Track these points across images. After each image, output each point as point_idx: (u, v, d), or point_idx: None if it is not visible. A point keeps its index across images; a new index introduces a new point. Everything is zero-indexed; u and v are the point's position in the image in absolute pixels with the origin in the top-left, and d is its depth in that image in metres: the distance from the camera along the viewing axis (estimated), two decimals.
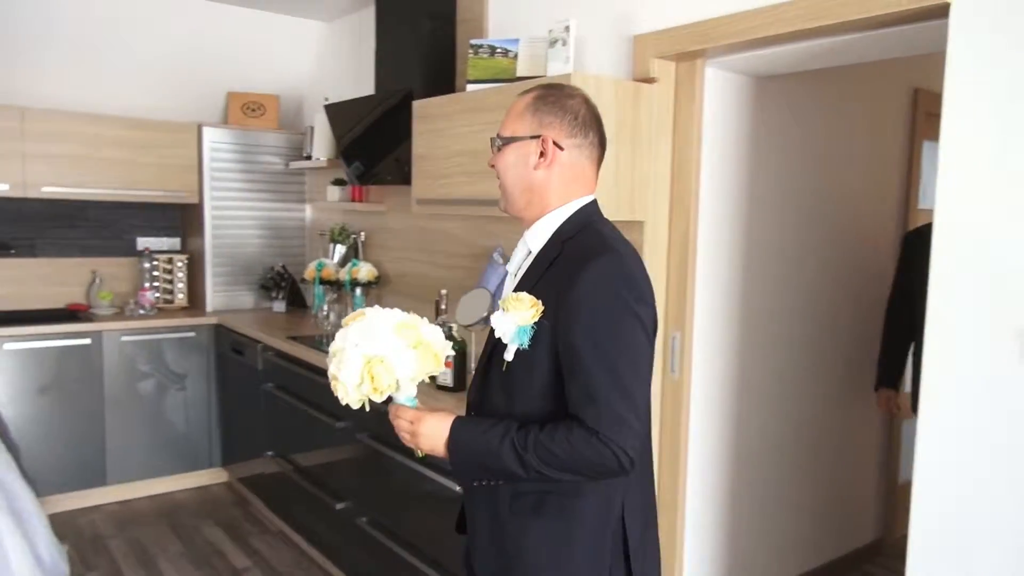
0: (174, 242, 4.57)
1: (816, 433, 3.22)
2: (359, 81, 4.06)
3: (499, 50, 2.72)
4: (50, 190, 3.89)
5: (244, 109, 4.42)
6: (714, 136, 2.63)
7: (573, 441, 1.28)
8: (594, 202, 1.49)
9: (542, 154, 1.43)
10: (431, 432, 1.38)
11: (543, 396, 1.36)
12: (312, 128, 4.28)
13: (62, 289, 4.23)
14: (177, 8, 4.28)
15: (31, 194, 3.85)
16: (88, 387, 3.87)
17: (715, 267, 2.70)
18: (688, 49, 2.40)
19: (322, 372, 3.13)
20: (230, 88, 4.46)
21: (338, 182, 4.11)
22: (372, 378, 1.31)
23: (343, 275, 3.85)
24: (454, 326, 2.65)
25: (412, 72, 3.26)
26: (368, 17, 3.92)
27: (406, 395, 1.39)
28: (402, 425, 1.42)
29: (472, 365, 2.80)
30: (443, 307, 2.80)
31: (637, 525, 1.43)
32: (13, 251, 4.00)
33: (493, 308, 3.03)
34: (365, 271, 3.79)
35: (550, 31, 2.53)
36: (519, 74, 2.67)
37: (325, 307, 3.90)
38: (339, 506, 3.07)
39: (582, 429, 1.28)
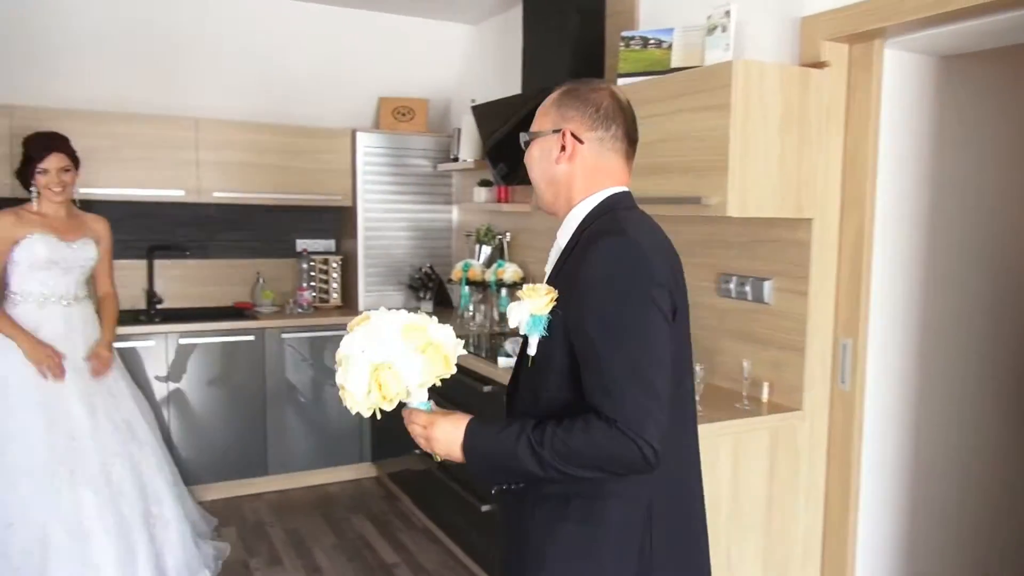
0: (329, 243, 4.76)
1: (1003, 452, 2.87)
2: (505, 82, 4.05)
3: (652, 41, 2.60)
4: (220, 195, 4.15)
5: (395, 113, 4.53)
6: (892, 124, 2.38)
7: (591, 433, 1.21)
8: (624, 193, 1.43)
9: (563, 148, 1.40)
10: (445, 436, 1.33)
11: (562, 388, 1.31)
12: (459, 130, 4.33)
13: (230, 288, 4.50)
14: (331, 20, 4.45)
15: (204, 199, 4.12)
16: (252, 381, 4.09)
17: (893, 269, 2.45)
18: (864, 29, 2.18)
19: (467, 372, 3.13)
20: (381, 94, 4.59)
21: (484, 183, 4.12)
22: (380, 386, 1.27)
23: (489, 276, 3.84)
24: None
25: (560, 69, 3.20)
26: (515, 17, 3.91)
27: (419, 399, 1.35)
28: (416, 431, 1.36)
29: None
30: None
31: (669, 530, 1.34)
32: (188, 253, 4.29)
33: None
34: (511, 272, 3.77)
35: (708, 17, 2.39)
36: (673, 65, 2.54)
37: (471, 308, 3.92)
38: (484, 508, 3.06)
39: (600, 421, 1.22)
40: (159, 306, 4.18)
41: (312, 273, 4.52)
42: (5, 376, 2.82)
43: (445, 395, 3.28)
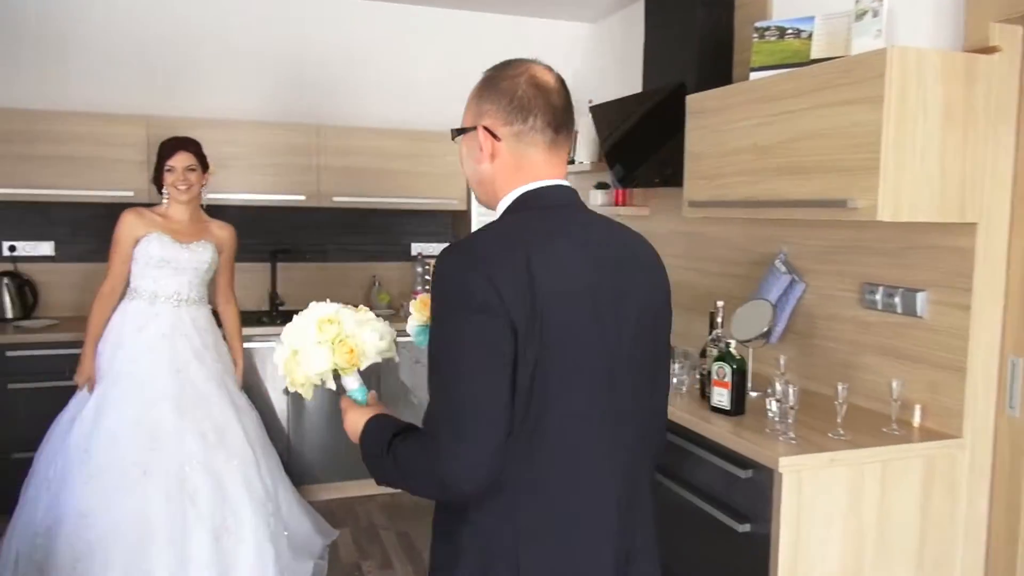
0: (443, 247, 4.75)
1: None
2: (624, 81, 3.91)
3: (790, 31, 2.41)
4: (340, 200, 4.21)
5: None
6: None
7: (412, 448, 1.21)
8: (538, 190, 1.28)
9: (482, 147, 1.29)
10: (351, 426, 1.38)
11: None
12: (575, 132, 4.22)
13: (347, 291, 4.56)
14: (450, 24, 4.44)
15: (324, 204, 4.19)
16: (366, 383, 4.11)
17: None
18: None
19: None
20: None
21: (601, 186, 3.99)
22: (288, 372, 1.39)
23: None
24: (732, 342, 2.38)
25: (684, 65, 3.04)
26: (636, 12, 3.76)
27: (350, 388, 1.43)
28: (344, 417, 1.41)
29: (751, 385, 2.51)
30: (719, 320, 2.53)
31: (543, 557, 1.21)
32: (308, 256, 4.38)
33: (775, 322, 2.71)
34: None
35: (857, 2, 2.17)
36: (814, 56, 2.34)
37: None
38: None
39: (422, 438, 1.20)
40: (281, 308, 4.29)
41: (427, 276, 4.53)
42: (108, 370, 2.91)
43: None
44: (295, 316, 1.41)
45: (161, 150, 3.00)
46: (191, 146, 3.03)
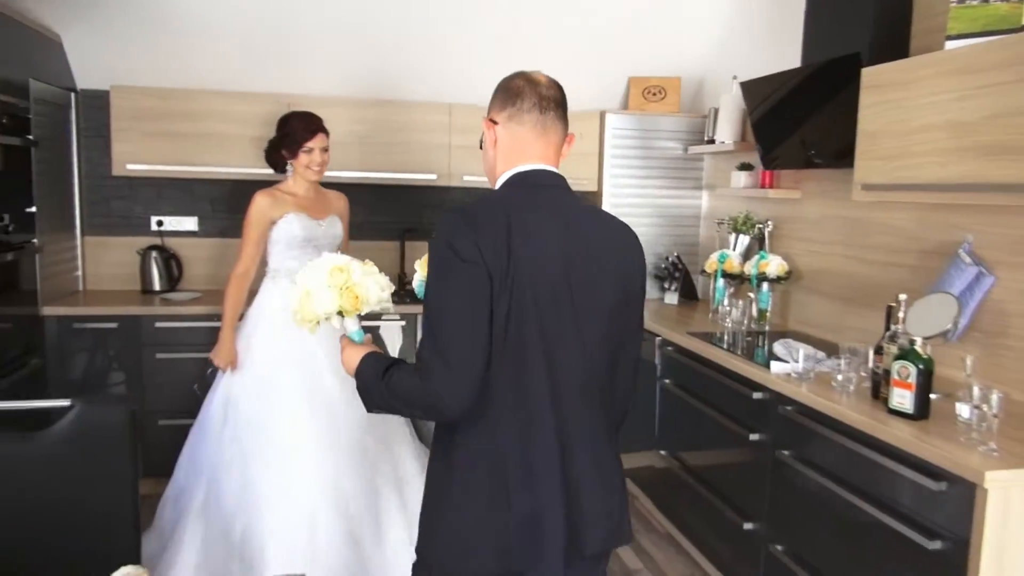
0: None
1: None
2: (776, 54, 3.65)
3: None
4: (470, 179, 4.16)
5: (645, 94, 4.30)
6: None
7: (406, 376, 1.44)
8: (525, 172, 1.53)
9: (485, 136, 1.59)
10: (348, 361, 1.58)
11: None
12: (716, 110, 4.01)
13: None
14: None
15: (454, 183, 4.15)
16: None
17: None
18: None
19: (731, 375, 2.85)
20: (631, 73, 4.37)
21: (744, 167, 3.78)
22: (300, 309, 1.59)
23: (749, 268, 3.52)
24: (918, 339, 2.16)
25: (856, 35, 2.79)
26: None
27: (350, 329, 1.62)
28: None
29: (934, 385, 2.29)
30: (900, 315, 2.31)
31: (523, 463, 1.46)
32: (434, 236, 4.35)
33: (960, 318, 2.46)
34: (775, 265, 3.41)
35: None
36: None
37: (726, 302, 3.61)
38: (747, 526, 2.77)
39: (416, 367, 1.43)
40: (408, 287, 4.29)
41: None
42: (269, 353, 2.93)
43: (704, 398, 2.97)
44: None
45: (295, 128, 2.97)
46: (323, 127, 3.03)
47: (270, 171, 3.22)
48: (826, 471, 2.36)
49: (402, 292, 4.24)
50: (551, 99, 1.55)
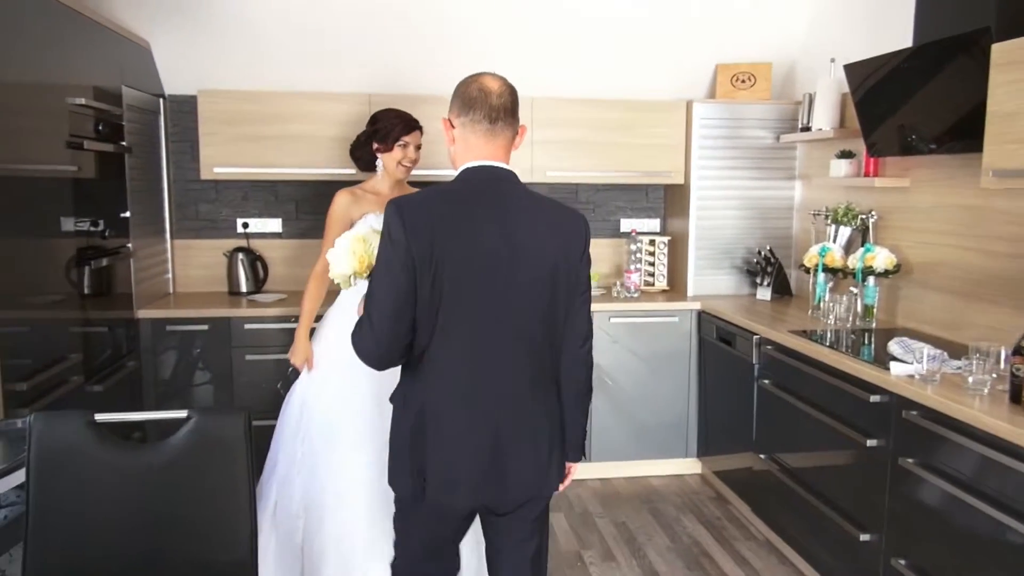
0: (654, 223, 4.51)
1: None
2: (879, 34, 3.43)
3: None
4: (553, 175, 4.07)
5: (733, 81, 4.13)
6: None
7: (355, 329, 1.78)
8: (473, 168, 1.78)
9: (446, 134, 1.83)
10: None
11: None
12: (811, 95, 3.81)
13: None
14: None
15: (537, 179, 4.06)
16: None
17: None
18: None
19: (846, 377, 2.68)
20: (719, 60, 4.20)
21: (845, 154, 3.57)
22: (333, 266, 2.00)
23: (853, 262, 3.33)
24: None
25: (980, 10, 2.58)
26: None
27: (362, 289, 1.86)
28: None
29: None
30: None
31: (443, 432, 1.76)
32: None
33: None
34: (883, 258, 3.22)
35: None
36: None
37: (827, 298, 3.42)
38: (864, 537, 2.60)
39: (358, 322, 1.78)
40: None
41: (638, 255, 4.30)
42: (342, 353, 2.88)
43: (809, 400, 2.76)
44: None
45: (395, 125, 2.92)
46: (418, 125, 2.98)
47: (353, 171, 3.18)
48: (958, 480, 2.18)
49: None
50: (500, 108, 1.76)
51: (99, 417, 1.39)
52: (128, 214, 3.48)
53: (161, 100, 3.97)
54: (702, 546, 3.39)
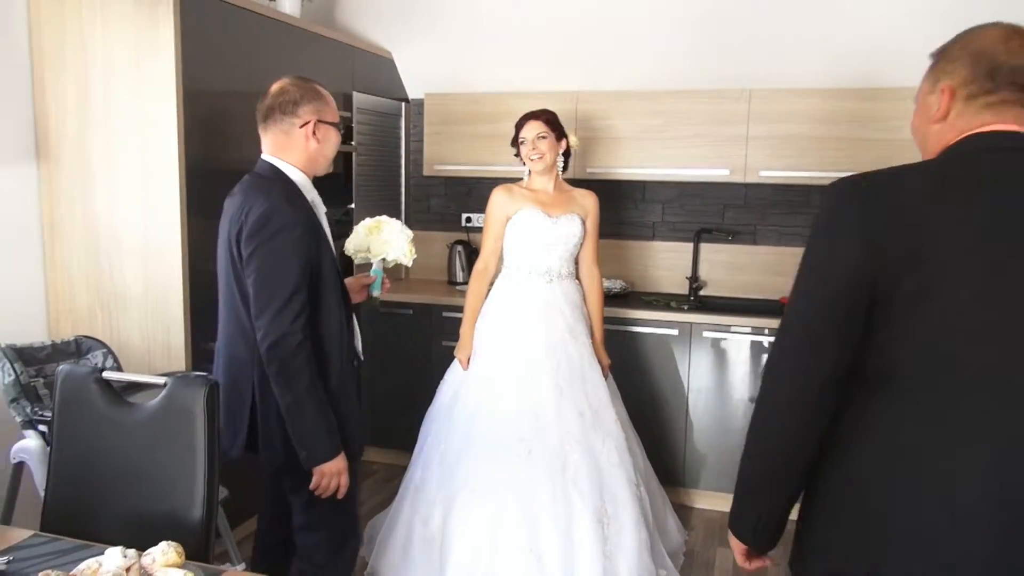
0: None
1: None
2: None
3: None
4: (767, 174, 3.66)
5: None
6: None
7: None
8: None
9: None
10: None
11: None
12: None
13: (780, 280, 3.97)
14: None
15: (749, 179, 3.69)
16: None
17: None
18: None
19: None
20: None
21: None
22: (349, 243, 2.35)
23: None
24: None
25: None
26: None
27: (375, 268, 2.33)
28: None
29: None
30: None
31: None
32: (731, 237, 3.94)
33: None
34: None
35: None
36: None
37: None
38: None
39: None
40: (700, 293, 3.96)
41: None
42: (488, 348, 2.93)
43: None
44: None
45: (518, 126, 2.98)
46: (541, 115, 2.97)
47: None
48: None
49: (692, 297, 3.92)
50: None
51: (106, 375, 1.64)
52: (352, 206, 3.94)
53: (403, 104, 4.40)
54: None
